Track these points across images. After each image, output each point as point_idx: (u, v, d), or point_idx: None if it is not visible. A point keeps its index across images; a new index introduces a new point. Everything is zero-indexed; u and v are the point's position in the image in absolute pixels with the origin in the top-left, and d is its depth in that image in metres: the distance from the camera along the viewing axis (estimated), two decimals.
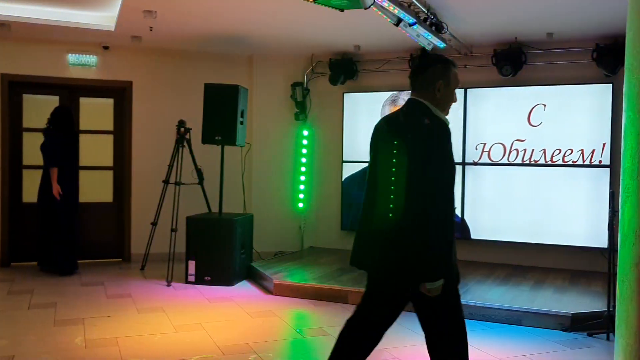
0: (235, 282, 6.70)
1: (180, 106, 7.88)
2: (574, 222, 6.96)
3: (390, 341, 4.77)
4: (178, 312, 5.51)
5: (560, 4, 5.59)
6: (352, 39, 7.38)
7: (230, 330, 5.00)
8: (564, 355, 4.50)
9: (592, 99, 6.89)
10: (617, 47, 6.48)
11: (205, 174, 7.26)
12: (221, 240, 6.64)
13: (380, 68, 8.01)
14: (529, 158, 7.20)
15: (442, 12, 5.87)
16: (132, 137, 7.97)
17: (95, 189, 8.00)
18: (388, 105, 7.95)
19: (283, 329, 5.13)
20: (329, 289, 6.06)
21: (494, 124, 7.38)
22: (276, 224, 8.36)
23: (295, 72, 8.42)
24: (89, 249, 7.84)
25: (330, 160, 8.45)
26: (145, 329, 4.99)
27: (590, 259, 6.85)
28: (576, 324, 5.05)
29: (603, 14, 5.86)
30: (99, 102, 8.09)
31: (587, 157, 6.90)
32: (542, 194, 7.14)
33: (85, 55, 7.72)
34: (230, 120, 6.78)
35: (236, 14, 6.22)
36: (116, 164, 8.06)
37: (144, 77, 8.01)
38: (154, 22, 6.44)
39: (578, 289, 6.05)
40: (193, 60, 8.15)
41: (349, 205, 8.25)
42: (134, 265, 7.65)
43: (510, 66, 7.04)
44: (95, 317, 5.31)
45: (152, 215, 7.32)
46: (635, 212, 2.16)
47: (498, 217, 7.37)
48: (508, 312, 5.31)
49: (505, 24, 6.45)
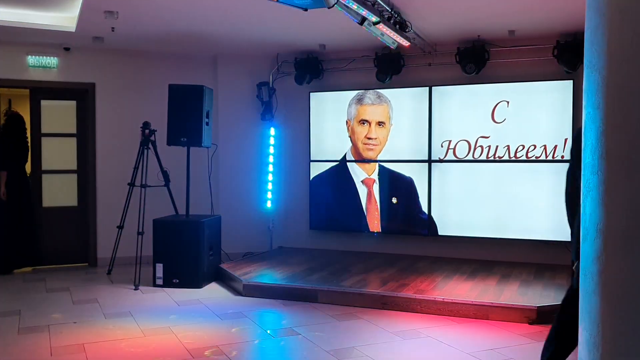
0: (204, 284, 6.65)
1: (145, 107, 7.79)
2: (538, 217, 7.09)
3: (363, 339, 4.80)
4: (146, 316, 5.44)
5: (520, 1, 5.67)
6: (317, 38, 7.38)
7: (199, 333, 4.96)
8: (531, 347, 4.58)
9: (553, 95, 7.02)
10: (577, 43, 6.61)
11: (172, 176, 7.19)
12: (189, 242, 6.58)
13: (346, 67, 8.03)
14: (493, 154, 7.30)
15: (406, 10, 5.91)
16: (96, 140, 7.84)
17: (59, 192, 7.87)
18: (354, 104, 7.98)
19: (253, 330, 5.11)
20: (298, 288, 6.05)
21: (458, 121, 7.46)
22: (244, 224, 8.32)
23: (260, 72, 8.39)
24: (54, 254, 7.70)
25: (297, 159, 8.44)
26: (112, 334, 4.92)
27: (555, 253, 6.98)
28: (542, 317, 5.15)
29: (563, 11, 5.97)
30: (61, 105, 7.95)
31: (549, 153, 7.03)
32: (507, 190, 7.25)
33: (45, 56, 7.57)
34: (195, 121, 6.72)
35: (199, 13, 6.17)
36: (80, 167, 7.92)
37: (107, 79, 7.89)
38: (115, 22, 6.34)
39: (543, 282, 6.16)
40: (157, 61, 8.06)
41: (317, 205, 8.26)
42: (101, 270, 7.53)
43: (474, 64, 7.13)
44: (61, 323, 5.21)
45: (118, 219, 7.21)
46: (596, 206, 2.20)
47: (464, 213, 7.46)
48: (475, 307, 5.38)
49: (468, 22, 6.52)
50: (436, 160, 7.57)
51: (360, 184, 8.01)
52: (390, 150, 7.83)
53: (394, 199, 7.83)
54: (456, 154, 7.47)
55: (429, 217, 7.60)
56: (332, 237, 8.29)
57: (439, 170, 7.57)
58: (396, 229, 7.84)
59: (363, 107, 7.94)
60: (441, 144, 7.53)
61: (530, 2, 5.69)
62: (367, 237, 8.09)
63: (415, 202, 7.68)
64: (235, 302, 6.00)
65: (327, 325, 5.17)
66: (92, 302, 5.97)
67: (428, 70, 7.67)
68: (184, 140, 6.76)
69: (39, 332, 4.96)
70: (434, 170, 7.58)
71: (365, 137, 7.95)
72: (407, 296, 5.64)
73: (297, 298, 5.98)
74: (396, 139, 7.78)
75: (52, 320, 5.29)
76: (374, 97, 7.88)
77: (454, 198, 7.52)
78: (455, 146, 7.47)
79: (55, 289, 6.54)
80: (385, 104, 7.82)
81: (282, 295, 6.07)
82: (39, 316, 5.45)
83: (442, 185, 7.56)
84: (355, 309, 5.64)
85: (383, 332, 4.98)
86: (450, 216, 7.54)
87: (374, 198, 7.94)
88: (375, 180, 7.94)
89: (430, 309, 5.51)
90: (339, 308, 5.69)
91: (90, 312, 5.61)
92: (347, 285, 6.04)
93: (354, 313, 5.53)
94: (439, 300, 5.50)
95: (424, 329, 5.02)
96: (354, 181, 8.04)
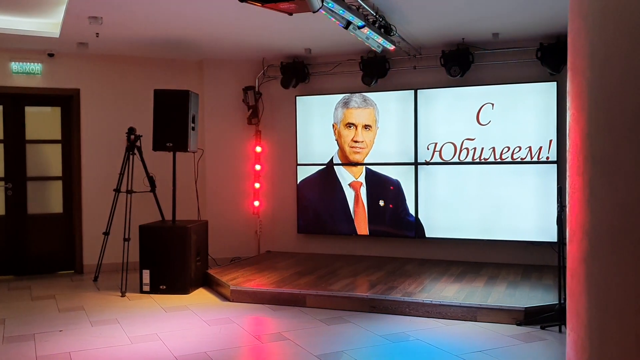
0: (191, 289, 6.62)
1: (130, 113, 7.75)
2: (524, 218, 7.13)
3: (352, 343, 4.80)
4: (133, 323, 5.40)
5: (504, 4, 5.71)
6: (303, 42, 7.38)
7: (187, 340, 4.93)
8: (519, 349, 4.60)
9: (537, 97, 7.07)
10: (560, 46, 6.67)
11: (158, 181, 7.15)
12: (175, 248, 6.55)
13: (332, 71, 8.04)
14: (479, 156, 7.33)
15: (391, 14, 5.93)
16: (81, 146, 7.78)
17: (44, 199, 7.80)
18: (341, 107, 7.98)
19: (241, 335, 5.09)
20: (286, 293, 6.03)
21: (444, 123, 7.49)
22: (232, 229, 8.29)
23: (246, 76, 8.37)
24: (39, 262, 7.63)
25: (284, 163, 8.43)
26: (99, 342, 4.87)
27: (541, 253, 7.03)
28: (529, 318, 5.17)
29: (546, 14, 6.02)
30: (46, 111, 7.89)
31: (534, 154, 7.08)
32: (493, 191, 7.29)
33: (29, 63, 7.51)
34: (181, 126, 6.69)
35: (184, 18, 6.15)
36: (65, 174, 7.85)
37: (92, 84, 7.83)
38: (100, 28, 6.30)
39: (530, 283, 6.19)
40: (142, 66, 8.02)
41: (304, 208, 8.25)
42: (87, 277, 7.46)
43: (458, 67, 7.16)
44: (46, 332, 5.15)
45: (104, 225, 7.16)
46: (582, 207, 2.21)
47: (451, 215, 7.49)
48: (463, 308, 5.39)
49: (452, 26, 6.56)
50: (422, 163, 7.59)
51: (348, 187, 8.02)
52: (377, 153, 7.84)
53: (381, 201, 7.84)
54: (442, 157, 7.50)
55: (416, 219, 7.62)
56: (320, 240, 8.28)
57: (425, 172, 7.59)
58: (384, 231, 7.85)
59: (349, 110, 7.95)
60: (427, 147, 7.56)
61: (513, 5, 5.73)
62: (355, 241, 8.10)
63: (403, 205, 7.70)
64: (223, 308, 5.97)
65: (316, 330, 5.16)
66: (78, 310, 5.91)
67: (413, 73, 7.69)
68: (170, 145, 6.72)
69: (24, 341, 4.90)
70: (421, 172, 7.61)
71: (352, 141, 7.96)
72: (395, 299, 5.64)
73: (286, 303, 5.96)
74: (383, 142, 7.80)
75: (37, 329, 5.23)
76: (360, 101, 7.89)
77: (440, 200, 7.54)
78: (441, 149, 7.50)
79: (40, 297, 6.47)
80: (372, 107, 7.84)
81: (270, 300, 6.05)
82: (24, 325, 5.38)
83: (429, 188, 7.58)
84: (344, 313, 5.64)
85: (372, 335, 4.98)
86: (437, 218, 7.57)
87: (361, 201, 7.95)
88: (362, 184, 7.94)
89: (418, 311, 5.51)
90: (328, 312, 5.68)
91: (76, 319, 5.56)
92: (336, 289, 6.03)
93: (343, 317, 5.52)
94: (427, 302, 5.51)
95: (412, 332, 5.03)
96: (341, 184, 8.05)
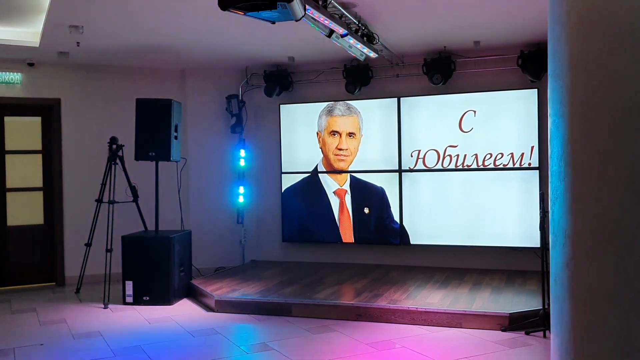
0: (175, 300, 6.56)
1: (112, 122, 7.69)
2: (508, 224, 7.17)
3: (338, 352, 4.77)
4: (116, 336, 5.33)
5: (485, 13, 5.76)
6: (286, 50, 7.38)
7: (171, 351, 4.88)
8: (504, 355, 4.60)
9: (519, 104, 7.13)
10: (541, 53, 6.73)
11: (140, 191, 7.09)
12: (158, 258, 6.48)
13: (315, 79, 8.05)
14: (462, 163, 7.37)
15: (373, 23, 5.95)
16: (62, 156, 7.70)
17: (25, 211, 7.70)
18: (324, 115, 7.99)
19: (226, 346, 5.04)
20: (272, 302, 6.00)
21: (427, 131, 7.52)
22: (216, 239, 8.24)
23: (229, 85, 8.35)
24: (20, 274, 7.52)
25: (268, 171, 8.41)
26: (81, 355, 4.81)
27: (525, 259, 7.06)
28: (514, 324, 5.19)
29: (526, 22, 6.08)
30: (25, 121, 7.80)
31: (517, 160, 7.12)
32: (476, 198, 7.32)
33: (8, 72, 7.43)
34: (164, 135, 6.65)
35: (166, 27, 6.12)
36: (46, 184, 7.76)
37: (73, 94, 7.77)
38: (80, 37, 6.26)
39: (514, 289, 6.22)
40: (124, 75, 7.97)
41: (289, 217, 8.22)
42: (69, 289, 7.37)
43: (441, 74, 7.20)
44: (27, 346, 5.07)
45: (86, 236, 7.08)
46: (564, 213, 2.22)
47: (435, 222, 7.51)
48: (448, 315, 5.40)
49: (434, 34, 6.59)
50: (406, 170, 7.61)
51: (332, 194, 8.01)
52: (361, 161, 7.85)
53: (366, 209, 7.85)
54: (426, 164, 7.52)
55: (400, 226, 7.63)
56: (305, 249, 8.26)
57: (409, 179, 7.61)
58: (369, 239, 7.85)
59: (333, 118, 7.96)
60: (411, 154, 7.58)
61: (494, 13, 5.78)
62: (340, 248, 8.09)
63: (387, 212, 7.70)
64: (208, 319, 5.92)
65: (302, 339, 5.13)
66: (60, 323, 5.83)
67: (396, 81, 7.73)
68: (152, 155, 6.67)
69: (4, 356, 4.81)
70: (405, 179, 7.62)
71: (336, 148, 7.97)
72: (381, 306, 5.63)
73: (271, 312, 5.93)
74: (367, 149, 7.81)
75: (17, 343, 5.14)
76: (344, 109, 7.90)
77: (424, 207, 7.56)
78: (424, 156, 7.53)
79: (21, 310, 6.37)
80: (355, 115, 7.85)
81: (255, 310, 6.01)
82: (4, 339, 5.29)
83: (413, 195, 7.60)
84: (330, 321, 5.62)
85: (358, 343, 4.96)
86: (421, 225, 7.58)
87: (346, 209, 7.94)
88: (347, 191, 7.94)
89: (404, 318, 5.51)
90: (313, 321, 5.66)
91: (58, 333, 5.47)
92: (321, 298, 6.01)
93: (329, 325, 5.50)
94: (412, 309, 5.51)
95: (398, 339, 5.02)
96: (326, 192, 8.04)
